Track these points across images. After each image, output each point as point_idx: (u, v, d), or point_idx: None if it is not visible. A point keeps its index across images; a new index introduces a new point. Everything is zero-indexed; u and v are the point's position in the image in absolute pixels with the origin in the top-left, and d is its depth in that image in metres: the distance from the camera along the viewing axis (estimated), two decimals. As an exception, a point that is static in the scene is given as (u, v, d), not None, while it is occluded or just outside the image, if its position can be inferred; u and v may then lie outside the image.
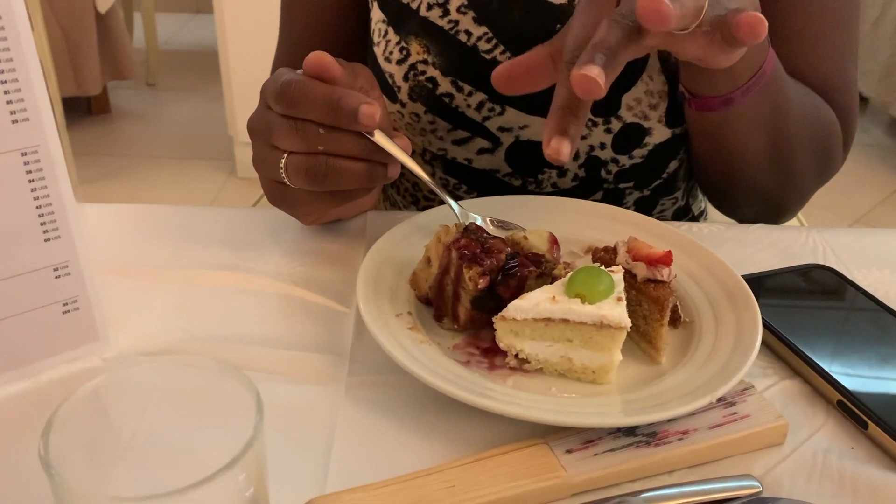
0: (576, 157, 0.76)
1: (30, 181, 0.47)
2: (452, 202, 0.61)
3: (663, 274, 0.54)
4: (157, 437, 0.37)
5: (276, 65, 0.87)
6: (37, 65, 0.45)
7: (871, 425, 0.48)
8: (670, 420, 0.47)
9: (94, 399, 0.35)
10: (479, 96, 0.73)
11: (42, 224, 0.48)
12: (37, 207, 0.48)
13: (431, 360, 0.51)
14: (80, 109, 2.96)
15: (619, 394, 0.51)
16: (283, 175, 0.56)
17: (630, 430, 0.47)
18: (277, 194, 0.60)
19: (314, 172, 0.54)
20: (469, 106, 0.74)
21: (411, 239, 0.61)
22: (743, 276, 0.58)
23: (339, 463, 0.46)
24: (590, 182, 0.78)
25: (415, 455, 0.46)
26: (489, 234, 0.56)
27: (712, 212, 0.95)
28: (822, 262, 0.65)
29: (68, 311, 0.51)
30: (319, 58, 0.55)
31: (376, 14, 0.76)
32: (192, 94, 3.23)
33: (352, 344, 0.55)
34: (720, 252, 0.61)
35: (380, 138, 0.54)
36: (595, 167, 0.77)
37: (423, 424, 0.49)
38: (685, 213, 0.88)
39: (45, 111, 0.46)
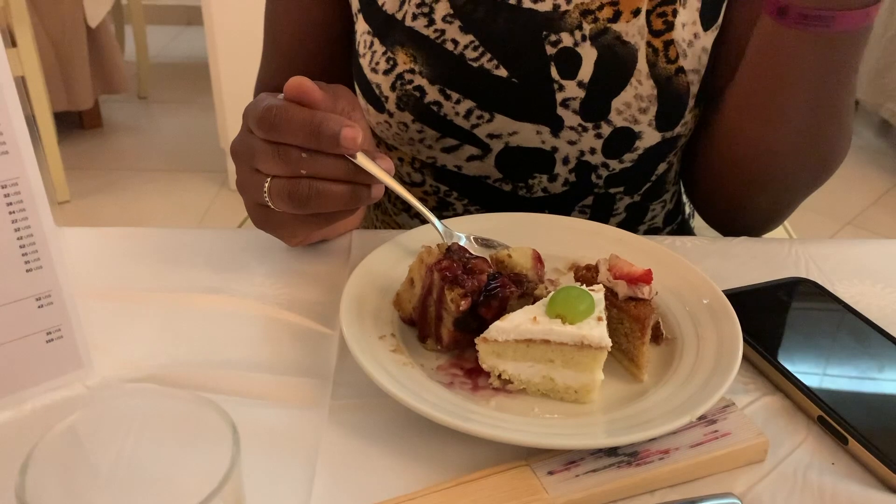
0: (566, 161, 0.77)
1: (10, 213, 0.47)
2: (436, 221, 0.62)
3: (644, 292, 0.54)
4: (135, 470, 0.37)
5: (261, 78, 0.87)
6: (15, 97, 0.46)
7: (852, 441, 0.48)
8: (652, 439, 0.47)
9: (72, 434, 0.35)
10: (468, 104, 0.74)
11: (24, 255, 0.48)
12: (18, 238, 0.48)
13: (415, 382, 0.51)
14: (71, 123, 2.96)
15: (601, 413, 0.51)
16: (267, 199, 0.56)
17: (612, 451, 0.47)
18: (262, 217, 0.61)
19: (297, 196, 0.55)
20: (458, 114, 0.74)
21: (395, 260, 0.61)
22: (724, 292, 0.58)
23: (322, 488, 0.46)
24: (580, 187, 0.78)
25: (398, 479, 0.46)
26: (471, 254, 0.56)
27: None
28: (805, 274, 0.65)
29: (52, 339, 0.51)
30: (300, 83, 0.55)
31: (361, 26, 0.77)
32: (184, 107, 3.24)
33: (336, 366, 0.55)
34: (703, 265, 0.61)
35: (362, 160, 0.55)
36: (585, 172, 0.77)
37: (406, 448, 0.49)
38: (675, 216, 0.89)
39: (25, 143, 0.46)
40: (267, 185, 0.56)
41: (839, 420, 0.49)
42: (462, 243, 0.61)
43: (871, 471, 0.47)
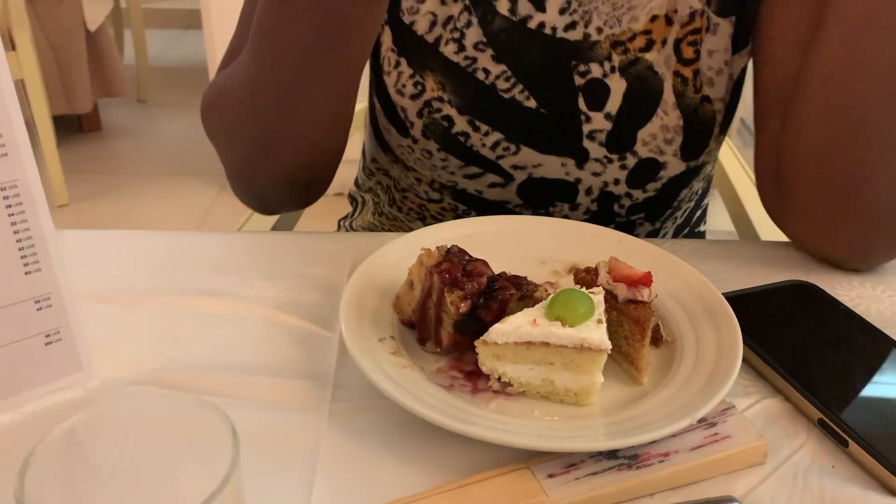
0: (588, 191, 0.76)
1: (9, 215, 0.47)
2: None
3: (644, 295, 0.54)
4: (135, 473, 0.37)
5: (232, 53, 0.76)
6: (14, 99, 0.46)
7: (852, 444, 0.48)
8: (652, 442, 0.47)
9: (71, 437, 0.35)
10: (496, 136, 0.73)
11: (22, 257, 0.48)
12: (17, 241, 0.48)
13: (414, 385, 0.51)
14: (71, 127, 2.96)
15: (601, 416, 0.51)
16: None
17: (612, 453, 0.47)
18: None
19: None
20: (484, 145, 0.73)
21: (395, 262, 0.61)
22: (724, 294, 0.58)
23: (322, 490, 0.46)
24: (602, 216, 0.78)
25: (397, 482, 0.46)
26: (471, 256, 0.56)
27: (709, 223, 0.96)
28: (805, 277, 0.65)
29: (51, 342, 0.51)
30: None
31: (386, 39, 0.73)
32: (183, 110, 3.24)
33: (335, 369, 0.55)
34: (704, 268, 0.61)
35: None
36: (608, 202, 0.77)
37: (406, 451, 0.49)
38: (683, 228, 0.89)
39: (24, 146, 0.46)
40: None
41: (839, 423, 0.49)
42: None
43: (871, 474, 0.47)
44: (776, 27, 0.68)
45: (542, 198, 0.77)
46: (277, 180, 0.71)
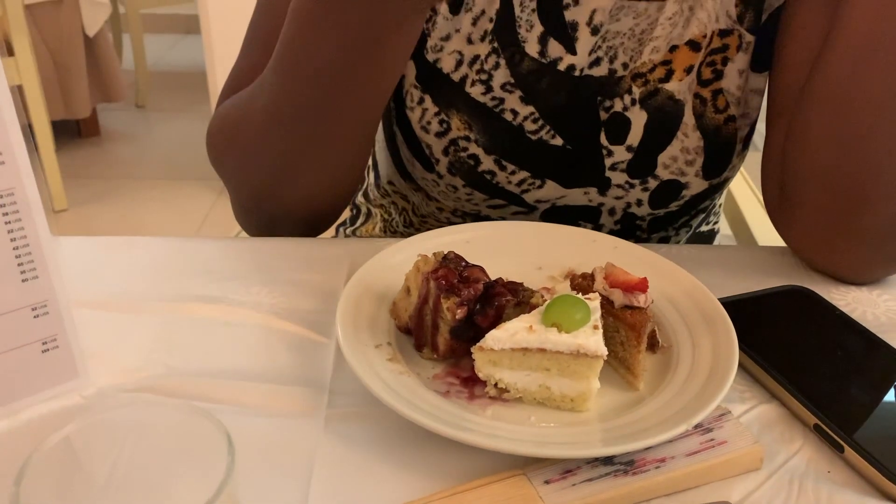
0: (612, 213, 0.76)
1: (6, 223, 0.47)
2: None
3: (640, 300, 0.54)
4: (130, 481, 0.37)
5: (234, 74, 0.75)
6: (11, 107, 0.46)
7: (847, 449, 0.48)
8: (648, 448, 0.47)
9: (67, 445, 0.35)
10: (522, 174, 0.73)
11: (19, 265, 0.48)
12: (13, 248, 0.48)
13: (411, 392, 0.51)
14: (69, 132, 2.96)
15: (597, 422, 0.51)
16: None
17: (608, 459, 0.47)
18: None
19: None
20: (510, 182, 0.73)
21: (391, 268, 0.61)
22: (720, 300, 0.58)
23: (318, 497, 0.46)
24: (624, 234, 0.77)
25: (394, 488, 0.46)
26: (467, 262, 0.56)
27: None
28: (801, 282, 0.65)
29: (47, 349, 0.51)
30: None
31: (409, 74, 0.71)
32: (182, 115, 3.24)
33: (332, 375, 0.55)
34: (700, 274, 0.61)
35: None
36: (630, 221, 0.77)
37: (402, 457, 0.49)
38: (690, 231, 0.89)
39: (21, 154, 0.46)
40: None
41: (835, 428, 0.49)
42: None
43: (867, 479, 0.47)
44: (793, 32, 0.68)
45: (565, 222, 0.75)
46: (289, 212, 0.70)
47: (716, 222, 0.94)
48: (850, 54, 0.60)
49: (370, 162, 0.91)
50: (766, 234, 0.95)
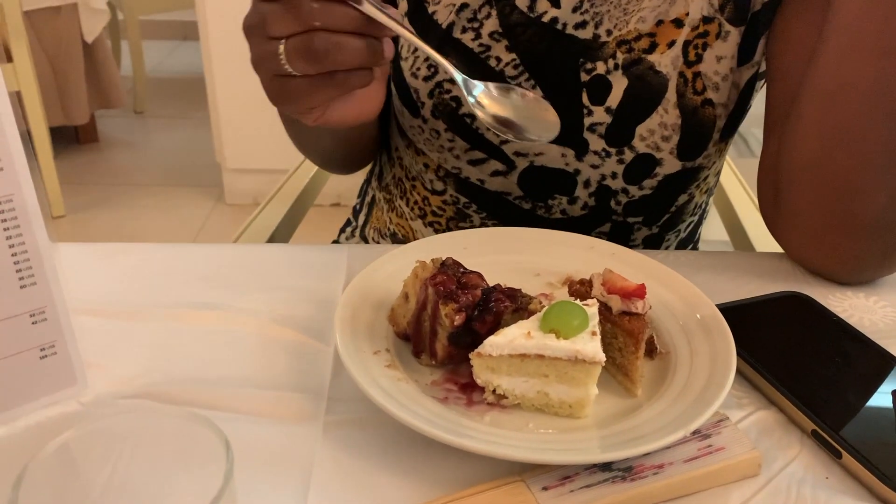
0: (587, 184, 0.78)
1: (4, 229, 0.47)
2: (455, 72, 0.60)
3: (638, 307, 0.54)
4: (128, 488, 0.37)
5: None
6: (10, 113, 0.46)
7: (845, 455, 0.48)
8: (646, 454, 0.47)
9: (65, 452, 0.35)
10: None
11: (18, 271, 0.48)
12: (12, 255, 0.48)
13: (409, 398, 0.51)
14: (67, 138, 2.97)
15: (595, 428, 0.51)
16: (284, 62, 0.55)
17: (606, 465, 0.47)
18: (278, 90, 0.59)
19: (314, 51, 0.53)
20: (488, 129, 0.75)
21: (390, 274, 0.62)
22: (718, 306, 0.58)
23: (317, 504, 0.46)
24: (599, 212, 0.79)
25: (392, 495, 0.46)
26: (465, 269, 0.57)
27: (706, 234, 0.96)
28: (799, 287, 0.66)
29: (45, 356, 0.51)
30: None
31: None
32: (180, 122, 3.24)
33: (330, 382, 0.55)
34: (697, 280, 0.62)
35: (369, 8, 0.53)
36: (605, 197, 0.78)
37: (400, 464, 0.49)
38: (687, 244, 0.89)
39: (20, 160, 0.46)
40: (282, 47, 0.54)
41: (833, 434, 0.49)
42: (480, 90, 0.60)
43: (864, 485, 0.48)
44: (787, 42, 0.70)
45: (541, 189, 0.79)
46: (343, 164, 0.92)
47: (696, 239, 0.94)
48: (836, 46, 0.62)
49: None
50: (764, 240, 0.95)
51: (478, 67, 0.74)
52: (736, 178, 1.24)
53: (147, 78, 3.34)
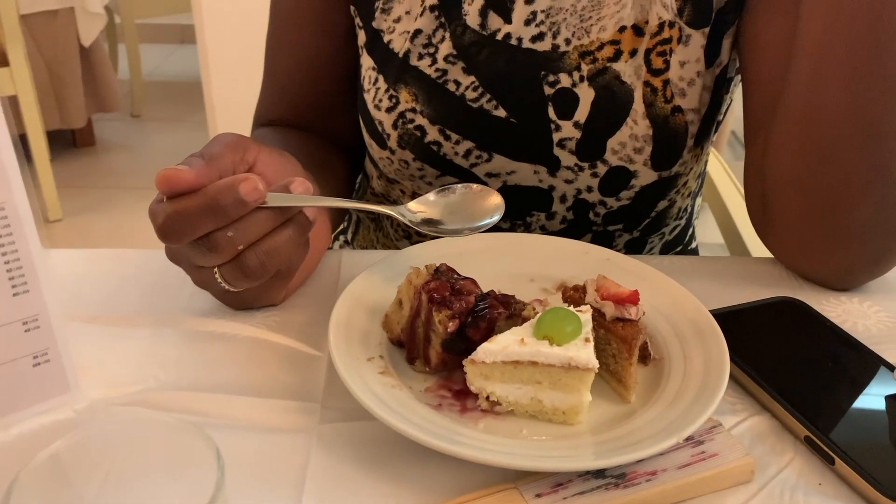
0: (563, 199, 0.77)
1: (-4, 237, 0.47)
2: (392, 210, 0.60)
3: (631, 313, 0.54)
4: (119, 496, 0.37)
5: (258, 110, 0.86)
6: (2, 120, 0.46)
7: (838, 461, 0.48)
8: (639, 461, 0.47)
9: (55, 461, 0.35)
10: (467, 144, 0.74)
11: (10, 279, 0.48)
12: (4, 262, 0.48)
13: (403, 405, 0.51)
14: (64, 142, 2.96)
15: (589, 435, 0.51)
16: (227, 286, 0.55)
17: (599, 472, 0.47)
18: (235, 300, 0.60)
19: (251, 269, 0.53)
20: (457, 154, 0.75)
21: (383, 281, 0.62)
22: (711, 311, 0.58)
23: (310, 512, 0.46)
24: (578, 224, 0.79)
25: (386, 503, 0.46)
26: (459, 275, 0.57)
27: (701, 237, 0.96)
28: (793, 293, 0.66)
29: (38, 363, 0.51)
30: (165, 175, 0.52)
31: (366, 61, 0.77)
32: (177, 125, 3.24)
33: (324, 389, 0.55)
34: (691, 285, 0.62)
35: (276, 200, 0.53)
36: (583, 210, 0.77)
37: (394, 471, 0.49)
38: (674, 247, 0.89)
39: (12, 167, 0.46)
40: (217, 275, 0.55)
41: (826, 440, 0.49)
42: (416, 201, 0.61)
43: (857, 491, 0.48)
44: (760, 49, 0.69)
45: (518, 208, 0.78)
46: None
47: (694, 238, 0.94)
48: (805, 67, 0.62)
49: None
50: (759, 242, 0.95)
51: (437, 94, 0.73)
52: (731, 182, 1.24)
53: (144, 81, 3.34)
